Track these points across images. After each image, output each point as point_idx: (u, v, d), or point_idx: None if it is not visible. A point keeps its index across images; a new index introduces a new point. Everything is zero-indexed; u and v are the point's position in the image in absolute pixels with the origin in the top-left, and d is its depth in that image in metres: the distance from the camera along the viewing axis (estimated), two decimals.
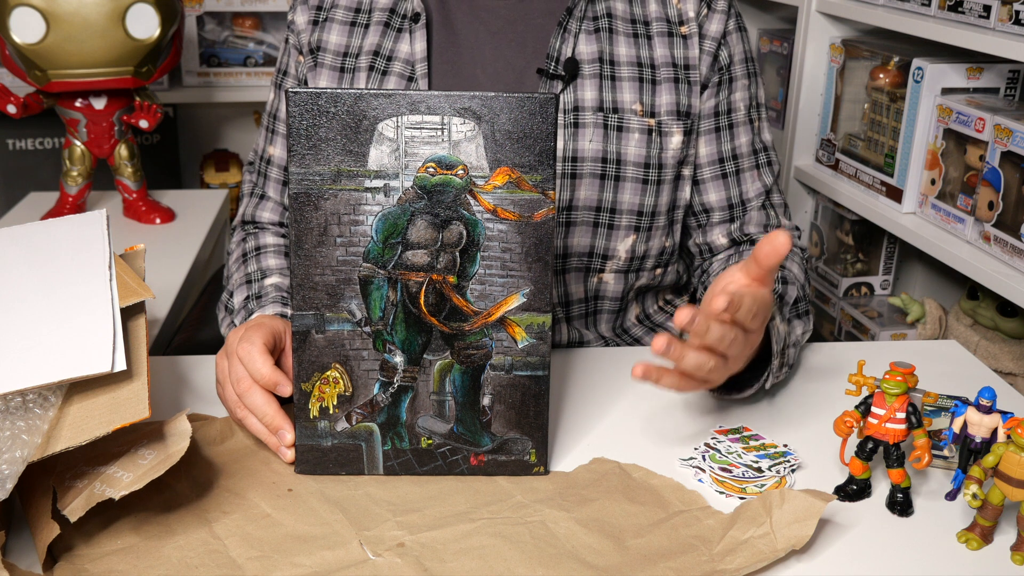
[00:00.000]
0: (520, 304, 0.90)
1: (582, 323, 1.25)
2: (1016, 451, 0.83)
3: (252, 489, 0.91)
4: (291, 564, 0.81)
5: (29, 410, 0.82)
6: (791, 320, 1.10)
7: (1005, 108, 1.65)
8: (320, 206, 0.88)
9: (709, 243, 1.24)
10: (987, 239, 1.62)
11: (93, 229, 0.98)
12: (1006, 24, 1.56)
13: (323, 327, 0.90)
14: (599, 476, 0.93)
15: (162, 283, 1.52)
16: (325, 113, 0.87)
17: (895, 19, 1.81)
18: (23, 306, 0.88)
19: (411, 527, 0.86)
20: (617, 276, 1.22)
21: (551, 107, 0.87)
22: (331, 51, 1.21)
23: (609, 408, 1.06)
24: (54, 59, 1.65)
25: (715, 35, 1.19)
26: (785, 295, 1.11)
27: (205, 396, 1.07)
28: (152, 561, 0.81)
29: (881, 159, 1.93)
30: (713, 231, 1.24)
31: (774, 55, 2.44)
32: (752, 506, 0.85)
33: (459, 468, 0.93)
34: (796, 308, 1.12)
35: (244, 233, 1.26)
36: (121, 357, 0.83)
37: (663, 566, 0.81)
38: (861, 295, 2.23)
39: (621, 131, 1.16)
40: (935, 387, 1.10)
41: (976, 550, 0.86)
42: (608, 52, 1.17)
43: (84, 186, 1.79)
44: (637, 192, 1.18)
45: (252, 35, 2.58)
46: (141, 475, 0.81)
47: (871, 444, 0.90)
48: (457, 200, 0.88)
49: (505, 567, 0.81)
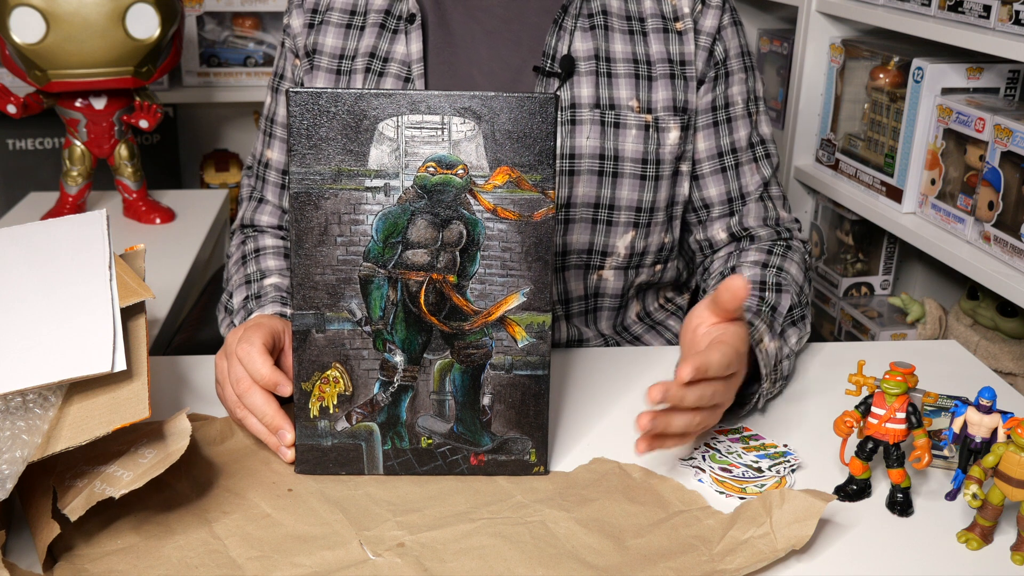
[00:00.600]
0: (520, 303, 0.90)
1: (582, 321, 1.25)
2: (1016, 451, 0.83)
3: (252, 489, 0.91)
4: (291, 564, 0.81)
5: (29, 410, 0.82)
6: (784, 331, 1.08)
7: (1005, 108, 1.65)
8: (321, 205, 0.88)
9: (709, 239, 1.24)
10: (987, 239, 1.62)
11: (93, 229, 0.98)
12: (1006, 24, 1.56)
13: (323, 326, 0.90)
14: (599, 476, 0.93)
15: (162, 283, 1.52)
16: (326, 113, 0.87)
17: (895, 19, 1.81)
18: (23, 306, 0.88)
19: (411, 527, 0.85)
20: (617, 273, 1.22)
21: (551, 107, 0.87)
22: (327, 53, 1.21)
23: (609, 408, 1.06)
24: (54, 59, 1.65)
25: (710, 30, 1.19)
26: (778, 306, 1.10)
27: (205, 396, 1.07)
28: (152, 561, 0.81)
29: (881, 159, 1.92)
30: (713, 226, 1.24)
31: (774, 55, 2.43)
32: (752, 506, 0.85)
33: (459, 468, 0.93)
34: (791, 315, 1.11)
35: (243, 236, 1.27)
36: (121, 357, 0.83)
37: (663, 566, 0.81)
38: (861, 295, 2.23)
39: (618, 127, 1.16)
40: (935, 387, 1.10)
41: (976, 550, 0.86)
42: (604, 49, 1.17)
43: (84, 186, 1.79)
44: (635, 188, 1.18)
45: (252, 35, 2.58)
46: (141, 474, 0.81)
47: (871, 444, 0.90)
48: (457, 199, 0.88)
49: (505, 567, 0.81)
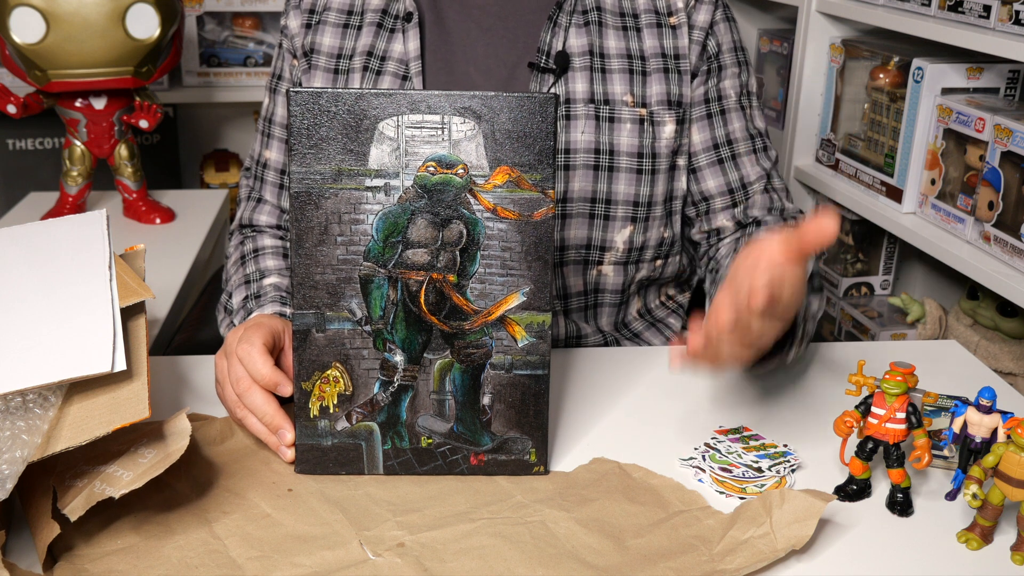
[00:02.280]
0: (520, 303, 0.90)
1: (581, 317, 1.25)
2: (1016, 451, 0.83)
3: (252, 489, 0.91)
4: (291, 564, 0.81)
5: (29, 410, 0.82)
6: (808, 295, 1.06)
7: (1005, 108, 1.65)
8: (321, 205, 0.88)
9: (716, 228, 1.24)
10: (987, 239, 1.62)
11: (93, 229, 0.98)
12: (1006, 24, 1.56)
13: (323, 326, 0.90)
14: (599, 476, 0.93)
15: (162, 283, 1.52)
16: (326, 112, 0.87)
17: (895, 19, 1.81)
18: (23, 306, 0.88)
19: (411, 527, 0.85)
20: (616, 268, 1.22)
21: (551, 106, 0.87)
22: (325, 53, 1.21)
23: (609, 408, 1.06)
24: (54, 59, 1.65)
25: (703, 25, 1.20)
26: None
27: (205, 396, 1.07)
28: (152, 561, 0.81)
29: (881, 159, 1.92)
30: (717, 217, 1.23)
31: (774, 55, 2.43)
32: (752, 506, 0.85)
33: (459, 468, 0.93)
34: (811, 283, 1.08)
35: (242, 237, 1.27)
36: (121, 357, 0.83)
37: (663, 566, 0.81)
38: (861, 295, 2.23)
39: (613, 122, 1.16)
40: (935, 387, 1.10)
41: (976, 550, 0.86)
42: (598, 45, 1.17)
43: (84, 186, 1.79)
44: (632, 182, 1.18)
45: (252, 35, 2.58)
46: (141, 474, 0.81)
47: (871, 444, 0.90)
48: (457, 199, 0.88)
49: (505, 567, 0.81)
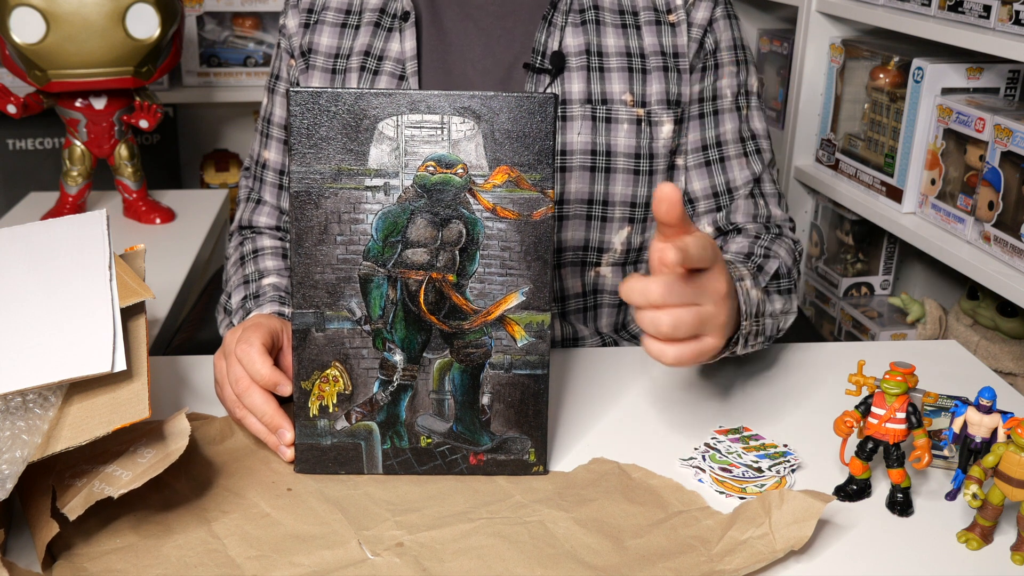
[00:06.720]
0: (519, 303, 0.90)
1: (579, 318, 1.25)
2: (1016, 451, 0.83)
3: (251, 488, 0.91)
4: (290, 564, 0.81)
5: (29, 410, 0.82)
6: (769, 291, 1.09)
7: (1005, 108, 1.65)
8: (321, 204, 0.88)
9: None
10: (987, 239, 1.62)
11: (93, 229, 0.98)
12: (1006, 24, 1.56)
13: (323, 325, 0.90)
14: (598, 476, 0.93)
15: (162, 283, 1.52)
16: (326, 112, 0.87)
17: (895, 19, 1.81)
18: (23, 306, 0.88)
19: (410, 527, 0.85)
20: (615, 269, 1.22)
21: (550, 106, 0.87)
22: (322, 53, 1.21)
23: (608, 408, 1.06)
24: (54, 59, 1.65)
25: (701, 22, 1.19)
26: (764, 266, 1.11)
27: (205, 396, 1.07)
28: (151, 560, 0.81)
29: (881, 159, 1.92)
30: (699, 221, 1.22)
31: (774, 55, 2.43)
32: (751, 506, 0.85)
33: (458, 467, 0.93)
34: (777, 284, 1.11)
35: (241, 237, 1.27)
36: (121, 357, 0.83)
37: (662, 566, 0.81)
38: (861, 295, 2.23)
39: (609, 122, 1.16)
40: (935, 387, 1.10)
41: (976, 550, 0.86)
42: (596, 44, 1.17)
43: (84, 186, 1.79)
44: (629, 183, 1.17)
45: (252, 35, 2.58)
46: (140, 473, 0.81)
47: (871, 444, 0.90)
48: (457, 199, 0.88)
49: (504, 567, 0.81)
